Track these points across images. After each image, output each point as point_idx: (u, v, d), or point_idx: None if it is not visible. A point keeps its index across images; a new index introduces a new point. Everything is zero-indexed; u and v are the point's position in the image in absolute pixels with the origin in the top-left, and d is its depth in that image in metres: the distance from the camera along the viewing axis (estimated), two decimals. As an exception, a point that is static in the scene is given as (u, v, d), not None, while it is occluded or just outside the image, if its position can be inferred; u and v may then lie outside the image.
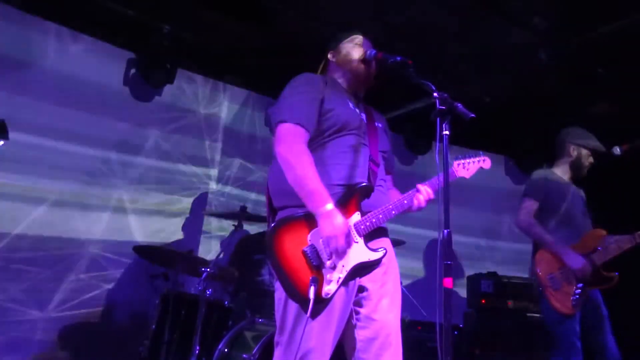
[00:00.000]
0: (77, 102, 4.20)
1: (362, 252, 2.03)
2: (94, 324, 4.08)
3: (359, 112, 2.26)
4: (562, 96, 4.76)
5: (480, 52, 4.28)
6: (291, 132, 2.07)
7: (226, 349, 3.23)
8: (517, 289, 4.60)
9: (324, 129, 2.14)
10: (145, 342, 3.45)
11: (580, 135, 3.62)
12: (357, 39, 2.37)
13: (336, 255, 1.96)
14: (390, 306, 2.08)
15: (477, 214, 5.86)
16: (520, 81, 4.61)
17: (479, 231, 5.90)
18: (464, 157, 2.35)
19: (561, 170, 3.61)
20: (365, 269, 2.05)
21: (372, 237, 2.10)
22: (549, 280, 3.31)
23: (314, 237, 1.97)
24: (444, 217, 1.77)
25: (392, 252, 2.21)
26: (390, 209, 2.09)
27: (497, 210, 5.93)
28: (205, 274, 3.34)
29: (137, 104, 4.51)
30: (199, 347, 3.24)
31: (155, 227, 4.48)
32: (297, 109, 2.11)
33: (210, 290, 3.38)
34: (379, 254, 2.06)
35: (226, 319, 3.51)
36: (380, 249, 2.08)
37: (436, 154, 1.87)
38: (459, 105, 1.88)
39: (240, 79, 5.05)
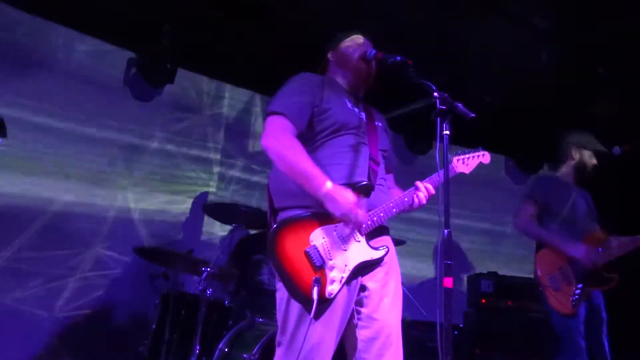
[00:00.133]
0: (77, 102, 4.21)
1: (364, 251, 2.02)
2: (94, 324, 4.08)
3: (358, 112, 2.26)
4: (562, 96, 4.76)
5: (480, 52, 4.28)
6: (277, 124, 2.08)
7: (226, 349, 3.23)
8: (517, 289, 4.60)
9: (322, 129, 2.14)
10: (145, 341, 3.45)
11: (581, 137, 3.63)
12: (357, 39, 2.37)
13: (358, 225, 1.96)
14: (391, 306, 2.08)
15: (477, 214, 5.87)
16: (520, 81, 4.61)
17: (479, 231, 5.90)
18: (464, 153, 2.35)
19: (565, 173, 3.62)
20: (367, 267, 2.05)
21: (374, 236, 2.10)
22: (549, 280, 3.33)
23: (316, 237, 1.97)
24: (444, 218, 1.77)
25: (394, 252, 2.21)
26: (391, 207, 2.09)
27: (498, 210, 5.93)
28: (205, 274, 3.34)
29: (138, 103, 4.51)
30: (199, 346, 3.24)
31: (155, 227, 4.48)
32: (286, 102, 2.12)
33: (210, 290, 3.38)
34: (381, 252, 2.06)
35: (226, 318, 3.51)
36: (382, 247, 2.08)
37: (436, 153, 1.87)
38: (459, 105, 1.88)
39: (241, 79, 5.04)
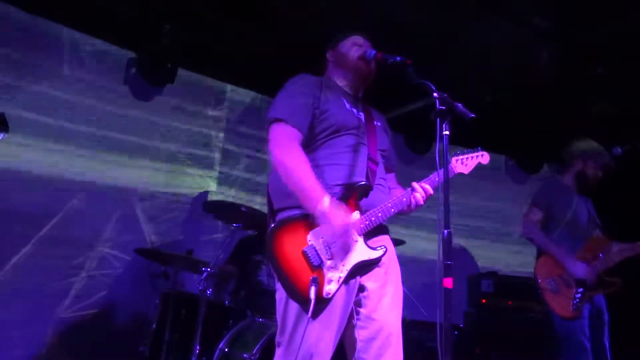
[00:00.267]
0: (77, 101, 4.21)
1: (362, 251, 2.02)
2: (94, 324, 4.09)
3: (356, 112, 2.26)
4: (562, 96, 4.76)
5: (480, 52, 4.28)
6: (284, 133, 2.07)
7: (226, 349, 3.23)
8: (517, 289, 4.60)
9: (320, 131, 2.14)
10: (145, 341, 3.45)
11: (588, 147, 3.65)
12: (357, 39, 2.36)
13: (341, 250, 1.96)
14: (391, 306, 2.08)
15: (477, 213, 5.86)
16: (520, 81, 4.61)
17: (479, 231, 5.90)
18: (462, 153, 2.34)
19: (568, 179, 3.66)
20: (365, 267, 2.05)
21: (372, 236, 2.10)
22: (549, 284, 3.37)
23: (314, 237, 1.97)
24: (443, 218, 1.77)
25: (394, 252, 2.21)
26: (389, 207, 2.09)
27: (498, 209, 5.93)
28: (205, 274, 3.35)
29: (138, 103, 4.51)
30: (200, 346, 3.24)
31: (155, 226, 4.48)
32: (290, 109, 2.11)
33: (210, 289, 3.38)
34: (379, 252, 2.06)
35: (226, 318, 3.51)
36: (380, 247, 2.07)
37: (436, 154, 1.87)
38: (459, 105, 1.88)
39: (241, 79, 5.04)
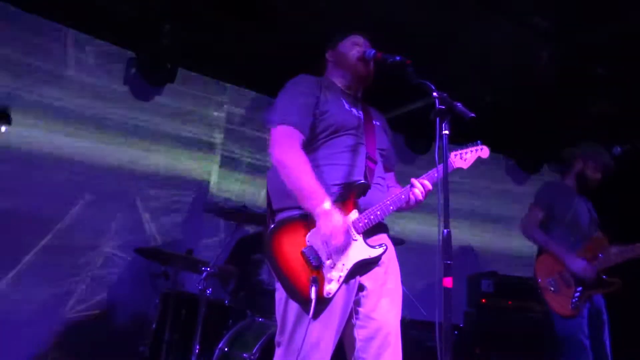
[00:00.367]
0: (77, 101, 4.21)
1: (361, 250, 2.02)
2: (94, 324, 4.09)
3: (356, 112, 2.26)
4: (562, 96, 4.76)
5: (480, 52, 4.28)
6: (286, 135, 2.08)
7: (226, 348, 3.23)
8: (517, 289, 4.60)
9: (319, 131, 2.14)
10: (145, 341, 3.45)
11: (589, 149, 3.70)
12: (356, 39, 2.37)
13: (336, 253, 1.96)
14: (390, 305, 2.08)
15: (477, 213, 5.86)
16: (520, 81, 4.61)
17: (479, 230, 5.89)
18: (461, 147, 2.33)
19: (569, 181, 3.70)
20: (365, 266, 2.05)
21: (372, 234, 2.10)
22: (548, 283, 3.40)
23: (313, 238, 1.97)
24: (443, 217, 1.77)
25: (393, 251, 2.21)
26: (387, 204, 2.09)
27: (498, 209, 5.92)
28: (205, 274, 3.35)
29: (138, 103, 4.52)
30: (199, 346, 3.24)
31: (155, 226, 4.49)
32: (291, 111, 2.12)
33: (210, 289, 3.38)
34: (379, 250, 2.06)
35: (226, 318, 3.51)
36: (379, 245, 2.07)
37: (436, 153, 1.87)
38: (459, 104, 1.88)
39: (241, 79, 5.05)
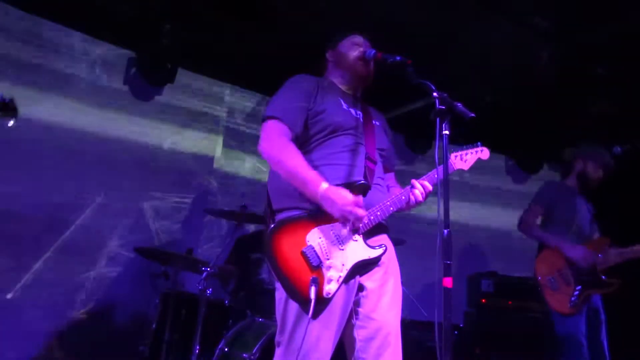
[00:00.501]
0: (77, 101, 4.21)
1: (361, 250, 2.02)
2: (94, 324, 4.09)
3: (354, 112, 2.26)
4: (562, 96, 4.76)
5: (480, 52, 4.28)
6: (273, 128, 2.09)
7: (226, 349, 3.23)
8: (517, 289, 4.60)
9: (317, 131, 2.14)
10: (145, 341, 3.45)
11: (590, 149, 3.74)
12: (356, 39, 2.37)
13: (357, 224, 1.96)
14: (390, 305, 2.07)
15: (478, 213, 5.86)
16: (520, 81, 4.61)
17: (479, 230, 5.89)
18: (461, 149, 2.33)
19: (570, 181, 3.73)
20: (365, 266, 2.05)
21: (372, 235, 2.10)
22: (548, 281, 3.42)
23: (313, 238, 1.97)
24: (443, 217, 1.77)
25: (393, 251, 2.21)
26: (387, 205, 2.09)
27: (498, 209, 5.92)
28: (205, 274, 3.35)
29: (138, 103, 4.51)
30: (199, 346, 3.24)
31: (155, 226, 4.49)
32: (281, 107, 2.13)
33: (210, 289, 3.38)
34: (379, 251, 2.06)
35: (226, 318, 3.51)
36: (379, 246, 2.07)
37: (436, 153, 1.87)
38: (459, 104, 1.88)
39: (241, 79, 5.05)
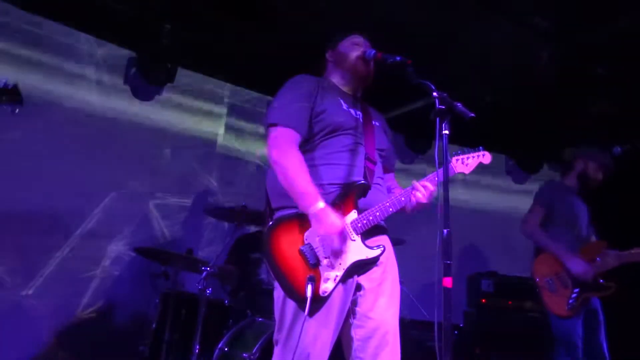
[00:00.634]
0: (78, 101, 4.22)
1: (359, 250, 2.02)
2: (94, 324, 4.09)
3: (354, 112, 2.26)
4: (562, 96, 4.76)
5: (480, 52, 4.27)
6: (282, 135, 2.09)
7: (226, 348, 3.23)
8: (517, 289, 4.60)
9: (317, 131, 2.15)
10: (145, 341, 3.45)
11: (590, 150, 3.76)
12: (356, 39, 2.37)
13: (333, 253, 1.97)
14: (387, 305, 2.08)
15: (477, 213, 5.86)
16: (520, 81, 4.61)
17: (479, 230, 5.89)
18: (463, 152, 2.33)
19: (569, 181, 3.73)
20: (363, 266, 2.05)
21: (370, 235, 2.10)
22: (546, 283, 3.43)
23: (311, 236, 1.98)
24: (443, 217, 1.77)
25: (391, 251, 2.21)
26: (387, 206, 2.09)
27: (498, 209, 5.92)
28: (205, 273, 3.35)
29: (138, 102, 4.51)
30: (199, 346, 3.24)
31: (156, 226, 4.49)
32: (288, 111, 2.12)
33: (210, 289, 3.38)
34: (377, 251, 2.06)
35: (226, 318, 3.52)
36: (377, 246, 2.07)
37: (436, 155, 1.87)
38: (459, 104, 1.88)
39: (241, 79, 5.05)
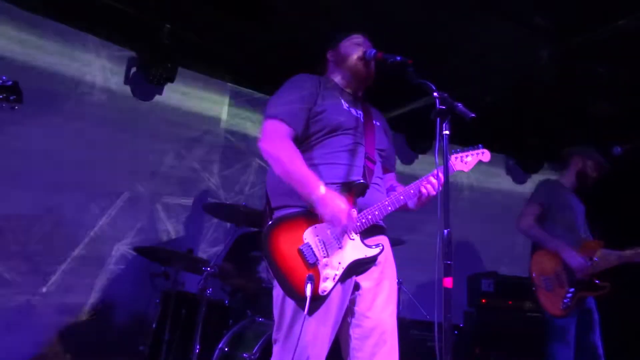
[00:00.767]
0: (78, 101, 4.22)
1: (358, 249, 2.03)
2: (94, 323, 4.09)
3: (354, 112, 2.26)
4: (562, 96, 4.76)
5: (480, 52, 4.28)
6: (274, 128, 2.10)
7: (226, 348, 3.24)
8: (517, 289, 4.60)
9: (316, 130, 2.15)
10: (145, 341, 3.46)
11: (587, 149, 3.80)
12: (357, 39, 2.37)
13: (342, 237, 1.97)
14: (385, 304, 2.09)
15: (478, 213, 5.86)
16: (520, 81, 4.61)
17: (479, 230, 5.89)
18: (462, 151, 2.34)
19: (566, 180, 3.76)
20: (361, 265, 2.06)
21: (369, 235, 2.10)
22: (543, 281, 3.44)
23: (310, 235, 1.98)
24: (443, 217, 1.77)
25: (390, 251, 2.22)
26: (386, 205, 2.09)
27: (498, 209, 5.92)
28: (205, 273, 3.35)
29: (138, 102, 4.51)
30: (200, 346, 3.25)
31: (155, 226, 4.49)
32: (283, 106, 2.14)
33: (210, 289, 3.39)
34: (376, 250, 2.07)
35: (226, 318, 3.52)
36: (376, 245, 2.08)
37: (436, 154, 1.87)
38: (459, 104, 1.88)
39: (241, 78, 5.05)
